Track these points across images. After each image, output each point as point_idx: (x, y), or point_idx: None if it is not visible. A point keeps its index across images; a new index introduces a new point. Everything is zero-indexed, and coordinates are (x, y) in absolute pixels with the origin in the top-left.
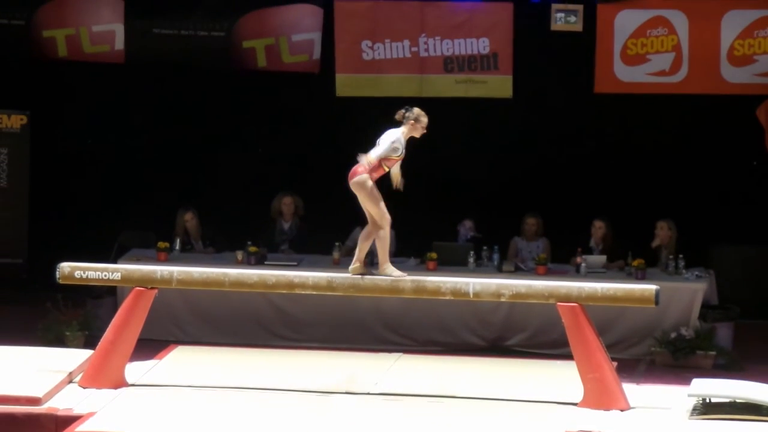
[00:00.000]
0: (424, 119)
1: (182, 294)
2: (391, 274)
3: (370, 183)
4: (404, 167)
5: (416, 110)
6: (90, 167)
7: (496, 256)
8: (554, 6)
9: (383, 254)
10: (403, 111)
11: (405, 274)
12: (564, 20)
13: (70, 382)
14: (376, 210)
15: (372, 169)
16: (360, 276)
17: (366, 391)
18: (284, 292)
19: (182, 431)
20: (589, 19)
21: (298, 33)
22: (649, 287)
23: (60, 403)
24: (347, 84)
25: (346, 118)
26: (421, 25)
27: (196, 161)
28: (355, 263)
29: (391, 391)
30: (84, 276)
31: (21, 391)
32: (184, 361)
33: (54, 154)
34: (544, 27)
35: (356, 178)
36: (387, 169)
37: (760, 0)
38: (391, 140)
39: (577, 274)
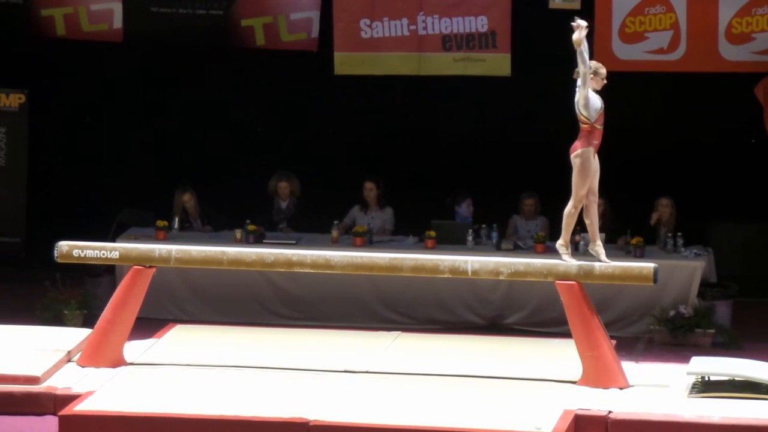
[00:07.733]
0: (603, 71)
1: (180, 272)
2: (598, 254)
3: (583, 160)
4: (405, 144)
5: (593, 63)
6: (88, 146)
7: (494, 235)
8: None
9: (592, 231)
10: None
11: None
12: None
13: (69, 361)
14: (577, 188)
15: (588, 138)
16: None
17: (365, 370)
18: (283, 270)
19: (181, 410)
20: None
21: (296, 11)
22: (648, 265)
23: (58, 382)
24: (345, 62)
25: (345, 96)
26: (419, 3)
27: (195, 140)
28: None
29: (390, 370)
30: (82, 255)
31: (19, 371)
32: (183, 340)
33: (52, 133)
34: (542, 5)
35: (576, 152)
36: (600, 127)
37: None
38: (584, 101)
39: (575, 252)
